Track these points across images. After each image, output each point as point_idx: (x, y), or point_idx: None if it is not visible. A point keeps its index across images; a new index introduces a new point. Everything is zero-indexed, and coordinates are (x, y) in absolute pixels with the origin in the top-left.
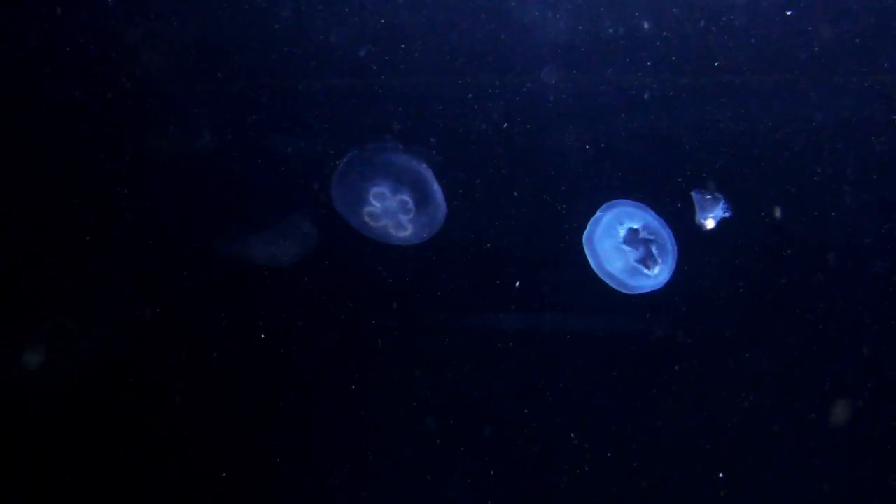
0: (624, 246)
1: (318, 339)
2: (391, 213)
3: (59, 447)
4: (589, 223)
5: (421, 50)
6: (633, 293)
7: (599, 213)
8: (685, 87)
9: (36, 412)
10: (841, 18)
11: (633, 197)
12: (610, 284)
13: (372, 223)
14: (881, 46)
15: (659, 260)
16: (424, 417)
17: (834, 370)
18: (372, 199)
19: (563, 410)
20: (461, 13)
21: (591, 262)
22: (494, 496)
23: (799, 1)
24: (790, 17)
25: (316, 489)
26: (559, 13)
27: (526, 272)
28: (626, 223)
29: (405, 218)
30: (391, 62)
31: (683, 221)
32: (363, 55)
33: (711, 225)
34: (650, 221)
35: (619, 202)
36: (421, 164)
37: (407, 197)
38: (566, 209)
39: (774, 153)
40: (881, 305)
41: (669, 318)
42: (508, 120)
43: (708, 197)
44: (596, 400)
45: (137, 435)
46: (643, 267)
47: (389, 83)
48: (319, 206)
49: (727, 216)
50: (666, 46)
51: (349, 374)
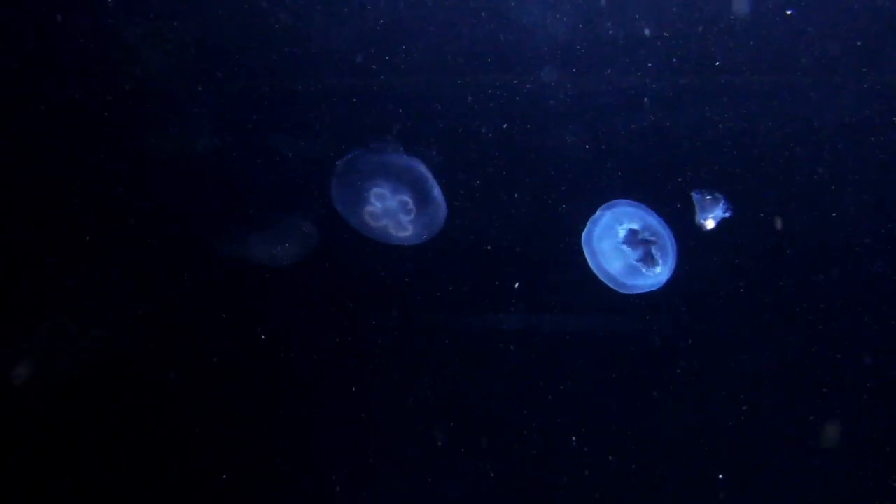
0: (623, 246)
1: (318, 339)
2: (391, 213)
3: (59, 447)
4: (588, 223)
5: (421, 50)
6: (631, 293)
7: (599, 212)
8: (685, 87)
9: (36, 412)
10: (841, 18)
11: (633, 197)
12: (608, 285)
13: (372, 223)
14: (881, 47)
15: (658, 260)
16: (424, 418)
17: (834, 370)
18: (372, 199)
19: (563, 410)
20: (461, 13)
21: (589, 262)
22: (494, 496)
23: (799, 1)
24: (790, 17)
25: (316, 489)
26: (559, 13)
27: (526, 272)
28: (625, 223)
29: (406, 218)
30: (391, 62)
31: (683, 221)
32: (363, 55)
33: (711, 225)
34: (650, 221)
35: (618, 202)
36: (421, 164)
37: (407, 197)
38: (566, 209)
39: (774, 153)
40: (881, 305)
41: (669, 318)
42: (508, 120)
43: (708, 197)
44: (596, 400)
45: (137, 435)
46: (642, 267)
47: (389, 83)
48: (319, 206)
49: (727, 216)
50: (666, 47)
51: (349, 374)
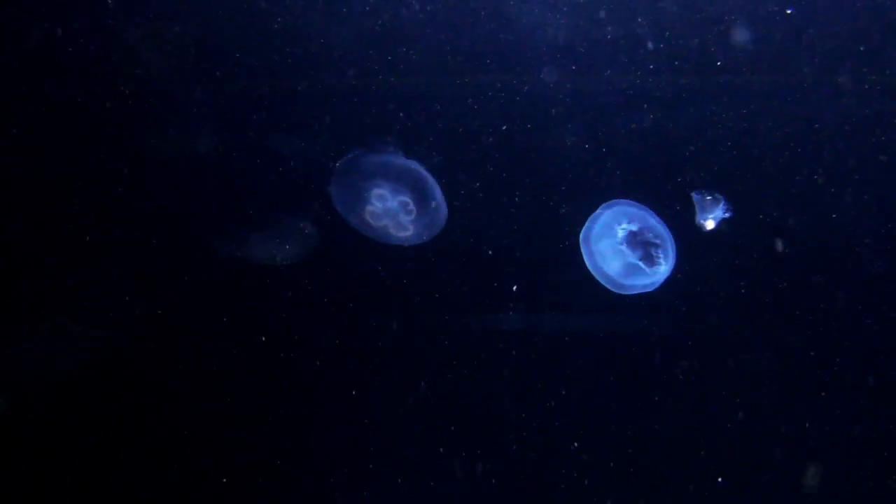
0: (622, 246)
1: (318, 339)
2: (392, 213)
3: (59, 447)
4: (587, 222)
5: (421, 50)
6: (629, 293)
7: (598, 212)
8: (685, 87)
9: (36, 412)
10: (841, 18)
11: (633, 197)
12: (605, 285)
13: (373, 223)
14: (881, 47)
15: (657, 260)
16: (424, 418)
17: (834, 370)
18: (373, 199)
19: (563, 410)
20: (461, 13)
21: (586, 261)
22: (494, 496)
23: (799, 1)
24: (790, 17)
25: (316, 489)
26: (559, 13)
27: (526, 272)
28: (624, 223)
29: (406, 218)
30: (391, 62)
31: (683, 221)
32: (363, 55)
33: (711, 225)
34: (649, 222)
35: (618, 202)
36: (421, 164)
37: (407, 198)
38: (566, 209)
39: (774, 153)
40: (881, 305)
41: (669, 318)
42: (508, 120)
43: (708, 198)
44: (596, 400)
45: (137, 435)
46: (641, 267)
47: (389, 83)
48: (319, 206)
49: (727, 216)
50: (666, 46)
51: (349, 374)
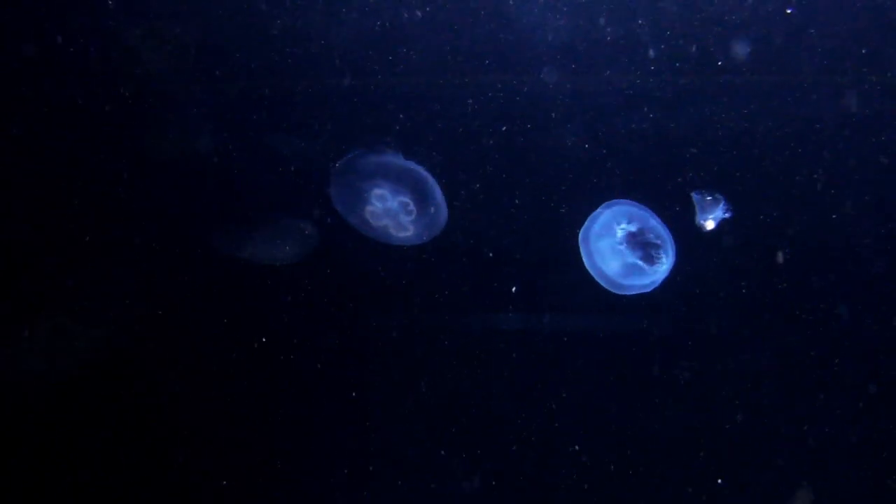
0: (621, 246)
1: (318, 339)
2: (392, 213)
3: (59, 447)
4: (586, 222)
5: (421, 50)
6: (628, 294)
7: (597, 211)
8: (685, 87)
9: (36, 412)
10: (841, 18)
11: (632, 197)
12: (602, 284)
13: (373, 223)
14: (881, 47)
15: (657, 260)
16: (424, 418)
17: (834, 370)
18: (373, 199)
19: (563, 410)
20: (461, 13)
21: (585, 261)
22: (494, 496)
23: (799, 1)
24: (790, 17)
25: (316, 489)
26: (559, 13)
27: (526, 272)
28: (624, 223)
29: (406, 219)
30: (391, 62)
31: (683, 222)
32: (363, 55)
33: (711, 226)
34: (649, 222)
35: (618, 202)
36: (421, 165)
37: (407, 198)
38: (566, 210)
39: (774, 153)
40: (881, 305)
41: (669, 318)
42: (508, 120)
43: (708, 198)
44: (596, 400)
45: (137, 435)
46: (641, 267)
47: (389, 83)
48: (319, 205)
49: (727, 217)
50: (666, 46)
51: (349, 374)
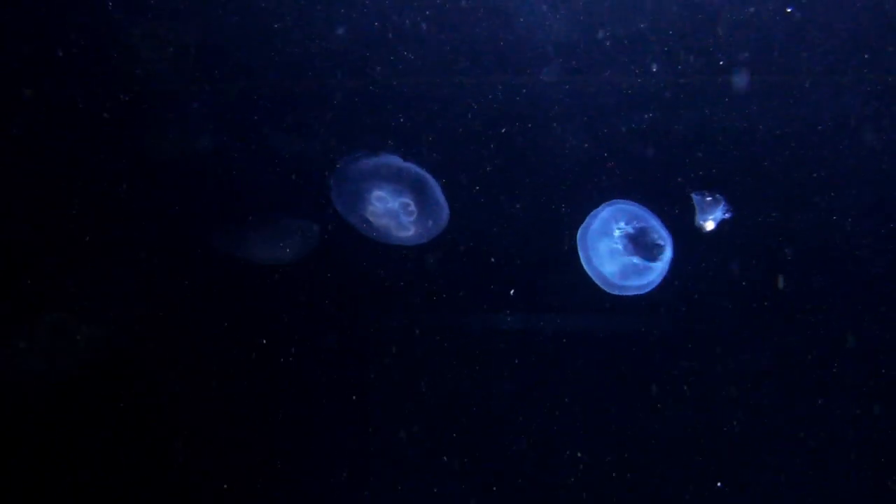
0: (620, 246)
1: (318, 339)
2: (392, 213)
3: (59, 447)
4: (584, 222)
5: (421, 50)
6: (626, 294)
7: (597, 211)
8: (685, 87)
9: (36, 412)
10: (841, 18)
11: (632, 197)
12: (601, 285)
13: (374, 222)
14: (881, 47)
15: (656, 260)
16: (424, 418)
17: (834, 370)
18: (373, 199)
19: (562, 411)
20: (461, 13)
21: (583, 261)
22: (494, 496)
23: (799, 1)
24: (790, 17)
25: (316, 489)
26: (559, 13)
27: (525, 272)
28: (623, 223)
29: (407, 219)
30: (391, 62)
31: (683, 222)
32: (363, 55)
33: (711, 227)
34: (648, 222)
35: (617, 202)
36: (421, 165)
37: (408, 199)
38: (566, 210)
39: (774, 153)
40: (881, 305)
41: (669, 318)
42: (508, 120)
43: (708, 198)
44: (596, 400)
45: (137, 435)
46: (640, 267)
47: (389, 83)
48: (319, 205)
49: (727, 217)
50: (666, 46)
51: (349, 374)
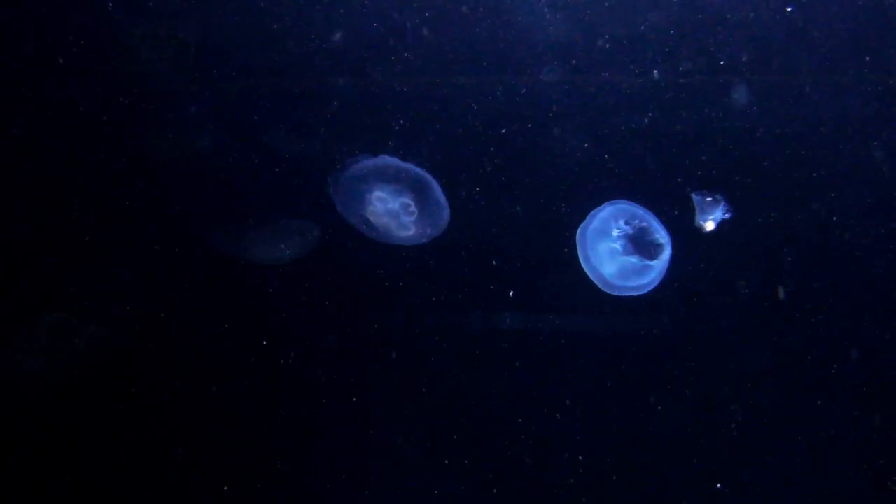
0: (620, 246)
1: (318, 339)
2: (393, 213)
3: (59, 447)
4: (583, 222)
5: (420, 50)
6: (625, 294)
7: (596, 211)
8: (685, 87)
9: (36, 412)
10: (841, 18)
11: (632, 197)
12: (599, 285)
13: (374, 222)
14: (881, 47)
15: (654, 260)
16: (424, 418)
17: (834, 370)
18: (373, 200)
19: (562, 410)
20: (461, 13)
21: (582, 261)
22: (494, 496)
23: (799, 1)
24: (790, 17)
25: (316, 489)
26: (559, 13)
27: (525, 272)
28: (622, 223)
29: (407, 219)
30: (391, 62)
31: (683, 222)
32: (363, 55)
33: (711, 227)
34: (648, 222)
35: (617, 202)
36: (421, 165)
37: (408, 199)
38: (566, 210)
39: (774, 153)
40: (881, 305)
41: (669, 318)
42: (508, 120)
43: (708, 199)
44: (596, 400)
45: (137, 434)
46: (639, 268)
47: (389, 83)
48: (319, 205)
49: (727, 217)
50: (666, 46)
51: (349, 374)
